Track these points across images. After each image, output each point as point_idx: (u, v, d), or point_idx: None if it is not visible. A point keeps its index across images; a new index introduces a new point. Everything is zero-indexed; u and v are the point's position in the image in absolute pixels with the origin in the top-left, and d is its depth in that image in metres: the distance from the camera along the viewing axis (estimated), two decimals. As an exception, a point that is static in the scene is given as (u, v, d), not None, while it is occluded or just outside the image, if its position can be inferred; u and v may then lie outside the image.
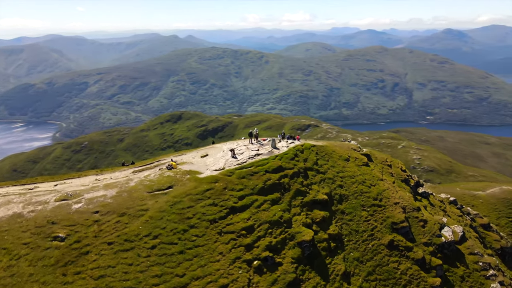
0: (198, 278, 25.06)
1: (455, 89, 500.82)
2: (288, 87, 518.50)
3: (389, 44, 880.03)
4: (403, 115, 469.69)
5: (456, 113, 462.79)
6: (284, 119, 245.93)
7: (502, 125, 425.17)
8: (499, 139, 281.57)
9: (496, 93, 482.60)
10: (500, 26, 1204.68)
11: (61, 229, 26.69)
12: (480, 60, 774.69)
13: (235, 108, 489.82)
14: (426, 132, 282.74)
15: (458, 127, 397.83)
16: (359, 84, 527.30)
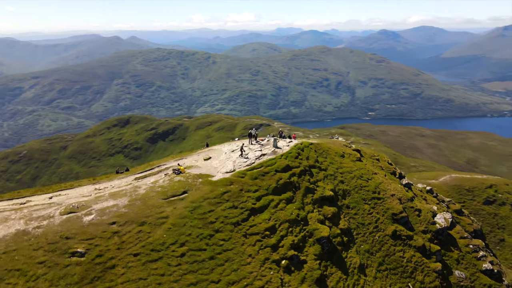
0: (234, 282, 24.70)
1: (392, 86, 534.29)
2: (237, 87, 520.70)
3: (331, 44, 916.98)
4: (347, 112, 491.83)
5: (395, 108, 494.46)
6: (236, 120, 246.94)
7: (433, 118, 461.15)
8: (433, 131, 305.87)
9: (428, 89, 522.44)
10: (429, 27, 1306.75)
11: (78, 244, 24.87)
12: (412, 59, 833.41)
13: (183, 110, 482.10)
14: (370, 127, 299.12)
15: (397, 121, 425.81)
16: (305, 83, 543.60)
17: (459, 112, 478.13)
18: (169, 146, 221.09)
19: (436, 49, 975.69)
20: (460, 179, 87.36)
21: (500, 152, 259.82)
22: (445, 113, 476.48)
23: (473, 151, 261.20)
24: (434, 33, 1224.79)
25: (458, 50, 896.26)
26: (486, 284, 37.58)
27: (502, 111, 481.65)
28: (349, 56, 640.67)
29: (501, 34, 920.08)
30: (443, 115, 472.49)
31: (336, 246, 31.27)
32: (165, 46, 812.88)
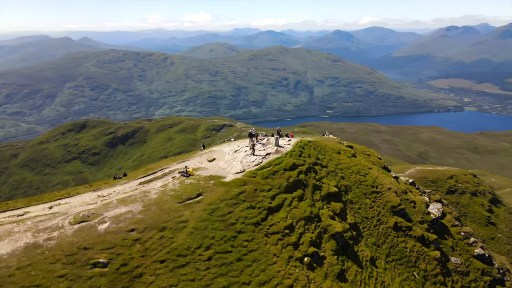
0: (265, 282, 24.66)
1: (348, 85, 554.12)
2: (196, 88, 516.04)
3: (288, 44, 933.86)
4: (306, 111, 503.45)
5: (351, 106, 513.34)
6: (197, 121, 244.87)
7: (387, 114, 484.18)
8: (387, 127, 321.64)
9: (381, 87, 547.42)
10: (379, 28, 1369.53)
11: (98, 254, 23.68)
12: (365, 58, 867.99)
13: (142, 112, 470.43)
14: (329, 125, 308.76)
15: (354, 118, 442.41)
16: (265, 82, 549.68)
17: (410, 108, 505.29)
18: (129, 150, 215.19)
19: (387, 49, 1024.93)
20: (424, 172, 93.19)
21: (447, 145, 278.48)
22: (397, 110, 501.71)
23: (424, 144, 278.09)
24: (384, 33, 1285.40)
25: (407, 50, 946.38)
26: (480, 268, 39.91)
27: (447, 107, 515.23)
28: (306, 56, 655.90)
29: (444, 35, 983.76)
30: (396, 111, 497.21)
31: (348, 240, 32.04)
32: (119, 47, 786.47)
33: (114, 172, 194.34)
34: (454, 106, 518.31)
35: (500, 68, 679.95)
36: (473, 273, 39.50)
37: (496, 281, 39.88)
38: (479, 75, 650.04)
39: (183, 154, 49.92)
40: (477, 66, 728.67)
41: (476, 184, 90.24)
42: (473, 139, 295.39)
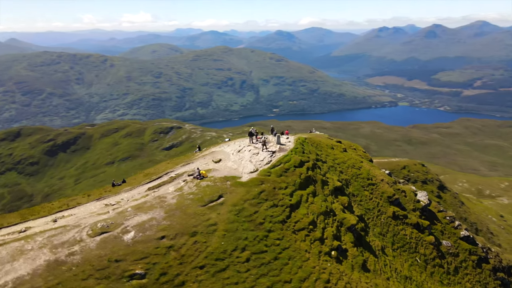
0: (305, 279, 24.77)
1: (292, 83, 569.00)
2: (139, 91, 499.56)
3: (232, 44, 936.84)
4: (253, 110, 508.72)
5: (296, 104, 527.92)
6: (144, 124, 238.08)
7: (330, 111, 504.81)
8: (332, 123, 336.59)
9: (323, 85, 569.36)
10: (318, 28, 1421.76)
11: (133, 265, 22.49)
12: (307, 57, 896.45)
13: (81, 117, 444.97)
14: (276, 123, 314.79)
15: (299, 116, 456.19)
16: (210, 83, 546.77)
17: (350, 105, 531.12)
18: (71, 157, 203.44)
19: (326, 49, 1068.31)
20: (380, 163, 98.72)
21: (386, 138, 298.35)
22: (339, 106, 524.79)
23: (366, 139, 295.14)
24: (323, 34, 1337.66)
25: (344, 50, 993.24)
26: (467, 248, 42.82)
27: (383, 102, 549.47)
28: (251, 56, 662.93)
29: (376, 35, 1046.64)
30: (338, 108, 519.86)
31: (360, 232, 33.06)
32: (53, 48, 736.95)
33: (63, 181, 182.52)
34: (389, 102, 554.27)
35: (427, 66, 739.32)
36: (462, 253, 42.21)
37: (481, 259, 42.92)
38: (409, 72, 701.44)
39: (180, 157, 48.18)
40: (407, 64, 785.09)
41: (425, 173, 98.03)
42: (408, 132, 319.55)
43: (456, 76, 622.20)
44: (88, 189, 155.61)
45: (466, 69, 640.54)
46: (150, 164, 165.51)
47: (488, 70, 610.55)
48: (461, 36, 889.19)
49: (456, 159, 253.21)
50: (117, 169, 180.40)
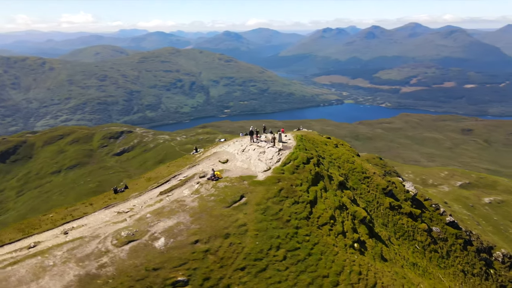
0: (340, 272, 25.20)
1: (242, 84, 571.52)
2: (83, 95, 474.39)
3: (179, 45, 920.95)
4: (204, 111, 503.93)
5: (247, 104, 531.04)
6: (91, 129, 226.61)
7: (281, 111, 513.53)
8: (283, 122, 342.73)
9: (272, 85, 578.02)
10: (265, 29, 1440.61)
11: (173, 272, 21.71)
12: (256, 58, 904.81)
13: (19, 125, 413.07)
14: (229, 124, 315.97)
15: (251, 116, 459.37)
16: (158, 85, 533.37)
17: (300, 104, 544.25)
18: (12, 168, 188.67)
19: (274, 49, 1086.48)
20: None
21: (336, 135, 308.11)
22: (289, 105, 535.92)
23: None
24: (271, 34, 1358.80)
25: (291, 50, 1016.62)
26: (453, 233, 45.11)
27: (330, 100, 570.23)
28: (199, 57, 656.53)
29: (321, 36, 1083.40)
30: (288, 107, 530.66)
31: (368, 223, 34.07)
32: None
33: None
34: (336, 100, 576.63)
35: (368, 65, 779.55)
36: (450, 238, 44.43)
37: (466, 242, 45.45)
38: (353, 71, 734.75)
39: (178, 160, 46.31)
40: (350, 63, 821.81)
41: (384, 166, 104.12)
42: (355, 128, 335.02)
43: (395, 74, 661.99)
44: (32, 201, 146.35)
45: (403, 68, 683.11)
46: (101, 171, 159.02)
47: (422, 69, 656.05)
48: (397, 37, 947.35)
49: (400, 152, 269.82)
50: (65, 178, 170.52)
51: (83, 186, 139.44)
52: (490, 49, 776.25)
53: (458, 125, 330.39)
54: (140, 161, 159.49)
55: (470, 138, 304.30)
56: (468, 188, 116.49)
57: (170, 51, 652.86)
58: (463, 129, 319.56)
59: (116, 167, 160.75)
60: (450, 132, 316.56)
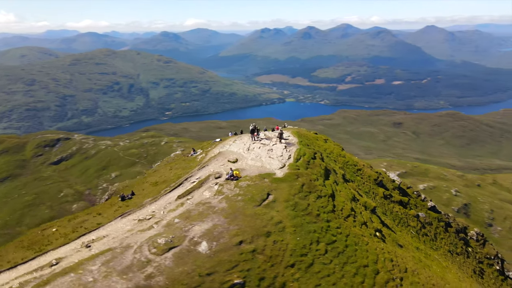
0: (377, 260, 25.95)
1: (183, 85, 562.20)
2: (8, 101, 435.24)
3: (114, 46, 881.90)
4: (144, 114, 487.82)
5: (189, 106, 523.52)
6: (23, 138, 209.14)
7: (224, 111, 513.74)
8: (228, 122, 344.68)
9: (214, 85, 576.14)
10: (204, 29, 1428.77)
11: (227, 275, 21.24)
12: (195, 58, 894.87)
13: None
14: (172, 126, 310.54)
15: (194, 117, 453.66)
16: (94, 89, 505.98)
17: (242, 103, 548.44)
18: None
19: (214, 49, 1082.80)
20: None
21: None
22: (232, 105, 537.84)
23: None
24: (209, 35, 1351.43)
25: (231, 50, 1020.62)
26: (435, 217, 47.79)
27: (272, 99, 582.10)
28: (137, 58, 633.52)
29: (260, 36, 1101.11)
30: (231, 107, 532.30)
31: (377, 213, 35.49)
32: None
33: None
34: (278, 99, 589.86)
35: (306, 64, 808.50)
36: (434, 222, 46.91)
37: (446, 224, 48.31)
38: (292, 70, 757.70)
39: (178, 162, 44.78)
40: (289, 63, 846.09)
41: None
42: (298, 125, 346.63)
43: (331, 72, 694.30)
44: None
45: (338, 67, 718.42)
46: (38, 183, 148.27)
47: (355, 67, 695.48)
48: (331, 37, 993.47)
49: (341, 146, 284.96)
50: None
51: (18, 199, 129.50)
52: (413, 48, 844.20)
53: (390, 119, 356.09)
54: (81, 169, 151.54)
55: (400, 131, 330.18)
56: (405, 177, 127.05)
57: (105, 53, 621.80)
58: (394, 122, 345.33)
59: (54, 177, 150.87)
60: (383, 126, 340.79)
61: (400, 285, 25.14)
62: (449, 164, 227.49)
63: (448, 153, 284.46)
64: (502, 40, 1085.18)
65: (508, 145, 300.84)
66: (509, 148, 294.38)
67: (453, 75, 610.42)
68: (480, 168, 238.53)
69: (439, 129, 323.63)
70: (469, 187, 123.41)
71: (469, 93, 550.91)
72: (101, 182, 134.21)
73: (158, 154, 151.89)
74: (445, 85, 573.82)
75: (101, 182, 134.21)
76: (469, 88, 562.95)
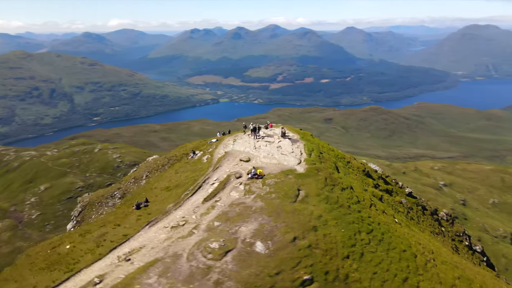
0: (410, 245, 27.34)
1: (112, 88, 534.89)
2: None
3: (30, 48, 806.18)
4: (70, 121, 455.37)
5: (119, 110, 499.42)
6: None
7: (156, 114, 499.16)
8: (162, 125, 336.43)
9: (145, 88, 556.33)
10: (130, 30, 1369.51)
11: (294, 273, 21.27)
12: (123, 60, 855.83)
13: None
14: (103, 133, 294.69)
15: (125, 122, 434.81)
16: (9, 95, 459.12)
17: (175, 105, 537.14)
18: None
19: (142, 51, 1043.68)
20: None
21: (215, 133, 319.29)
22: (164, 108, 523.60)
23: (199, 136, 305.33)
24: (136, 35, 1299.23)
25: (161, 51, 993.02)
26: (413, 202, 50.31)
27: (206, 100, 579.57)
28: (57, 61, 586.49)
29: (190, 37, 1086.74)
30: (163, 110, 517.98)
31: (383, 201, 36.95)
32: None
33: None
34: (212, 99, 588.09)
35: (238, 64, 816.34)
36: (413, 206, 49.19)
37: (423, 208, 51.03)
38: (225, 71, 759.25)
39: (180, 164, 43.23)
40: (221, 63, 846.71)
41: None
42: (234, 125, 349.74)
43: (263, 72, 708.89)
44: None
45: (269, 66, 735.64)
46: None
47: (286, 66, 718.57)
48: (260, 38, 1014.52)
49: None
50: None
51: None
52: (336, 48, 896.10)
53: (321, 115, 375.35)
54: (3, 184, 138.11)
55: (331, 126, 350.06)
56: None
57: (19, 56, 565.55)
58: (325, 118, 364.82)
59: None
60: (316, 122, 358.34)
61: (435, 265, 26.88)
62: (375, 155, 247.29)
63: (373, 145, 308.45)
64: (411, 40, 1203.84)
65: (422, 135, 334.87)
66: (423, 137, 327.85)
67: (372, 73, 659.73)
68: (401, 157, 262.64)
69: (365, 123, 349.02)
70: (396, 175, 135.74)
71: (387, 88, 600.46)
72: (29, 197, 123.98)
73: (92, 162, 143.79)
74: (366, 82, 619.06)
75: (28, 197, 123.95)
76: (387, 84, 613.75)
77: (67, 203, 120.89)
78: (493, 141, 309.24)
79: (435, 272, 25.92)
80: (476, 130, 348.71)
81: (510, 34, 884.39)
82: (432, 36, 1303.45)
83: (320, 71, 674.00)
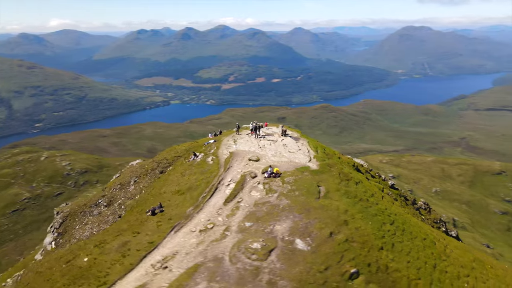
0: (428, 233, 28.32)
1: (54, 93, 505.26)
2: None
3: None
4: (8, 128, 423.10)
5: (63, 115, 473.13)
6: None
7: (104, 118, 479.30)
8: (111, 130, 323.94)
9: (90, 91, 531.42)
10: (72, 31, 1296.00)
11: (341, 267, 21.83)
12: (65, 62, 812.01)
13: None
14: (47, 140, 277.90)
15: (70, 127, 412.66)
16: None
17: (125, 109, 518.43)
18: None
19: (86, 52, 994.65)
20: None
21: (169, 136, 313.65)
22: (113, 112, 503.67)
23: (150, 140, 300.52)
24: (79, 36, 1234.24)
25: (106, 53, 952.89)
26: (397, 193, 51.03)
27: (156, 103, 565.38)
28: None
29: (136, 37, 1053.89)
30: (112, 113, 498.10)
31: None
32: None
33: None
34: (162, 101, 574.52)
35: (188, 65, 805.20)
36: (398, 198, 49.42)
37: (405, 198, 52.01)
38: (174, 72, 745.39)
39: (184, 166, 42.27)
40: (171, 64, 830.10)
41: None
42: (187, 127, 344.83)
43: (214, 72, 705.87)
44: None
45: (220, 67, 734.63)
46: None
47: (237, 67, 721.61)
48: (210, 38, 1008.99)
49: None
50: None
51: None
52: (286, 48, 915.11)
53: (274, 114, 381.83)
54: None
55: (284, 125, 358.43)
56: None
57: None
58: (279, 117, 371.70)
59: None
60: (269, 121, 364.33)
61: (451, 250, 28.48)
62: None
63: (326, 141, 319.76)
64: (355, 40, 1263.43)
65: (369, 130, 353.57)
66: (371, 133, 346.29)
67: (321, 72, 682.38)
68: (352, 152, 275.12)
69: (316, 120, 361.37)
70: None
71: (335, 87, 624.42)
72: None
73: (38, 172, 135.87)
74: (315, 81, 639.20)
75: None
76: (335, 83, 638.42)
77: (12, 217, 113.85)
78: (431, 134, 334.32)
79: (455, 257, 27.57)
80: (416, 125, 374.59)
81: (442, 35, 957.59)
82: (373, 36, 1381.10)
83: (271, 71, 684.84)
